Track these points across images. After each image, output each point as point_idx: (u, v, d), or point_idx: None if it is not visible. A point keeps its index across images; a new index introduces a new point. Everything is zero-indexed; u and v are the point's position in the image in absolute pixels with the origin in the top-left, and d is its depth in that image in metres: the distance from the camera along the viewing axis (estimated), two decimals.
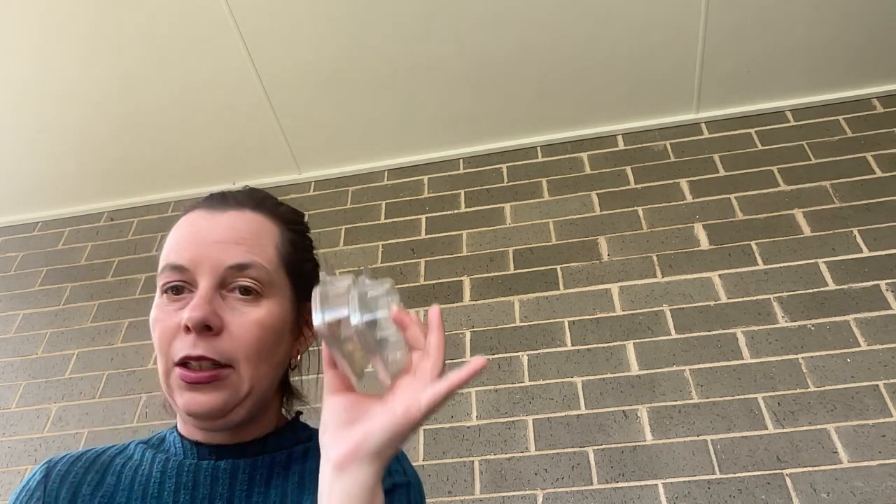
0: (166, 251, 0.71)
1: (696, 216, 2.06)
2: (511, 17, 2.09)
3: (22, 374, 2.13)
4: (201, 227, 0.71)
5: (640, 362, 1.77)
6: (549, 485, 1.61)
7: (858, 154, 2.10)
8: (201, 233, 0.70)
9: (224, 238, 0.70)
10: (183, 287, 0.68)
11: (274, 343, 0.70)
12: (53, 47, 2.16)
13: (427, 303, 2.03)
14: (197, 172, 2.50)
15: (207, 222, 0.71)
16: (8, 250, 2.55)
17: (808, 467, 1.52)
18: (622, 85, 2.24)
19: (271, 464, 0.71)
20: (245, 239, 0.70)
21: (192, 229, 0.71)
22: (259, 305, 0.69)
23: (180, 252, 0.69)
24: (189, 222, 0.72)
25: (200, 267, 0.68)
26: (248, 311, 0.68)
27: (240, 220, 0.72)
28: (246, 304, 0.69)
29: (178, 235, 0.72)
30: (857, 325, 1.73)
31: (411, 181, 2.40)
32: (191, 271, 0.68)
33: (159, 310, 0.69)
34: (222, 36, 2.13)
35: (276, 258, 0.72)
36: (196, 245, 0.69)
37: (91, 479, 0.70)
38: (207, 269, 0.68)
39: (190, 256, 0.68)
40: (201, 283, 0.68)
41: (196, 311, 0.65)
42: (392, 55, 2.18)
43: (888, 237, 1.88)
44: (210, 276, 0.68)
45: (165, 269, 0.69)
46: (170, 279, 0.69)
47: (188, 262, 0.68)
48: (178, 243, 0.70)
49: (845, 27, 2.09)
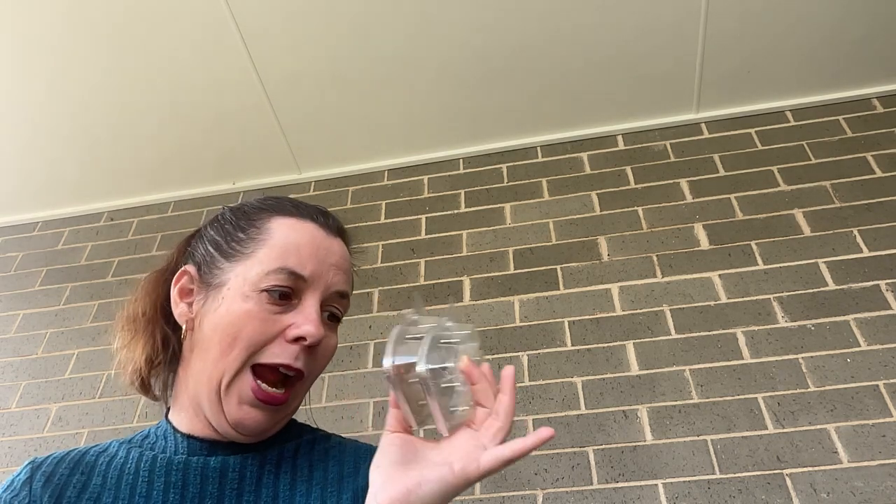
0: (281, 252, 0.70)
1: (696, 216, 2.06)
2: (511, 18, 2.09)
3: (22, 374, 2.13)
4: (321, 244, 0.73)
5: (640, 362, 1.77)
6: (549, 485, 1.61)
7: (858, 154, 2.10)
8: (321, 250, 0.73)
9: (338, 264, 0.74)
10: (290, 294, 0.69)
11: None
12: (53, 47, 2.16)
13: (427, 303, 2.03)
14: (197, 172, 2.50)
15: (327, 242, 0.74)
16: (8, 250, 2.55)
17: (808, 467, 1.52)
18: (622, 85, 2.24)
19: (262, 462, 0.71)
20: (348, 271, 0.76)
21: (314, 243, 0.73)
22: (335, 333, 0.75)
23: (302, 261, 0.70)
24: (309, 236, 0.73)
25: (316, 283, 0.70)
26: (330, 336, 0.73)
27: (345, 251, 0.77)
28: (330, 329, 0.73)
29: (297, 242, 0.72)
30: (857, 325, 1.73)
31: (411, 181, 2.40)
32: (306, 283, 0.70)
33: (257, 307, 0.68)
34: (222, 36, 2.13)
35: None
36: (318, 261, 0.71)
37: (76, 481, 0.68)
38: (320, 288, 0.71)
39: (312, 270, 0.70)
40: (310, 298, 0.70)
41: (319, 330, 0.68)
42: (392, 55, 2.18)
43: (888, 237, 1.88)
44: (321, 294, 0.71)
45: (282, 271, 0.69)
46: (284, 283, 0.69)
47: (309, 275, 0.70)
48: (300, 251, 0.71)
49: (845, 27, 2.09)
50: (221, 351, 0.66)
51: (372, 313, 2.04)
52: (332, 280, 0.72)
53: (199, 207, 2.52)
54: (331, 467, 0.72)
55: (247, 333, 0.66)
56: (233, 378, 0.66)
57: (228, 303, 0.68)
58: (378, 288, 2.10)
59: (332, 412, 1.83)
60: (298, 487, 0.69)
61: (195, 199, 2.55)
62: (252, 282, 0.69)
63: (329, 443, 0.76)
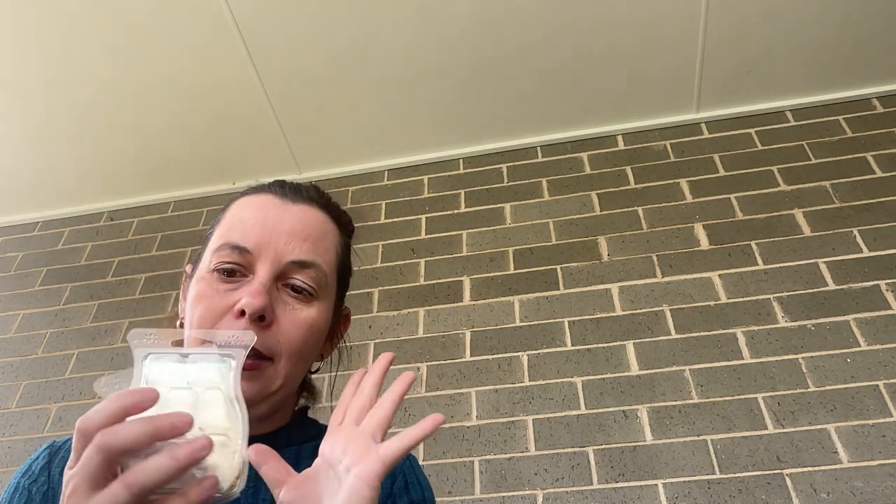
0: (226, 229, 0.68)
1: (696, 216, 2.06)
2: (511, 17, 2.09)
3: (22, 374, 2.13)
4: (270, 212, 0.68)
5: (640, 362, 1.77)
6: (549, 485, 1.61)
7: (858, 154, 2.09)
8: (270, 218, 0.68)
9: (293, 230, 0.68)
10: (236, 270, 0.66)
11: (314, 344, 0.70)
12: (53, 46, 2.16)
13: (427, 303, 2.03)
14: (197, 173, 2.50)
15: (278, 209, 0.69)
16: (8, 250, 2.55)
17: (808, 467, 1.52)
18: (622, 85, 2.24)
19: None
20: (311, 236, 0.69)
21: (261, 213, 0.68)
22: (311, 306, 0.68)
23: (245, 233, 0.66)
24: (257, 205, 0.69)
25: (264, 253, 0.66)
26: (299, 310, 0.67)
27: (310, 215, 0.70)
28: (298, 302, 0.67)
29: (243, 215, 0.69)
30: (857, 325, 1.73)
31: (411, 181, 2.40)
32: (252, 255, 0.66)
33: (206, 286, 0.66)
34: (223, 36, 2.13)
35: (334, 262, 0.71)
36: (263, 230, 0.66)
37: None
38: (270, 258, 0.66)
39: (256, 240, 0.66)
40: (260, 269, 0.65)
41: (257, 300, 0.63)
42: (392, 55, 2.18)
43: (888, 237, 1.88)
44: (271, 265, 0.65)
45: (224, 247, 0.66)
46: (227, 259, 0.66)
47: (252, 246, 0.66)
48: (244, 223, 0.67)
49: (845, 27, 2.09)
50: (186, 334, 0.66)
51: (372, 313, 2.04)
52: (284, 249, 0.66)
53: (199, 207, 2.52)
54: None
55: (199, 314, 0.65)
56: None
57: (191, 288, 0.68)
58: (378, 288, 2.10)
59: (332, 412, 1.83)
60: None
61: (195, 199, 2.55)
62: (206, 264, 0.68)
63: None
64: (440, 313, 2.00)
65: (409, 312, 2.02)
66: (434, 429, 0.54)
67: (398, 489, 0.69)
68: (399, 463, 0.71)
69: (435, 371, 1.87)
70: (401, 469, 0.71)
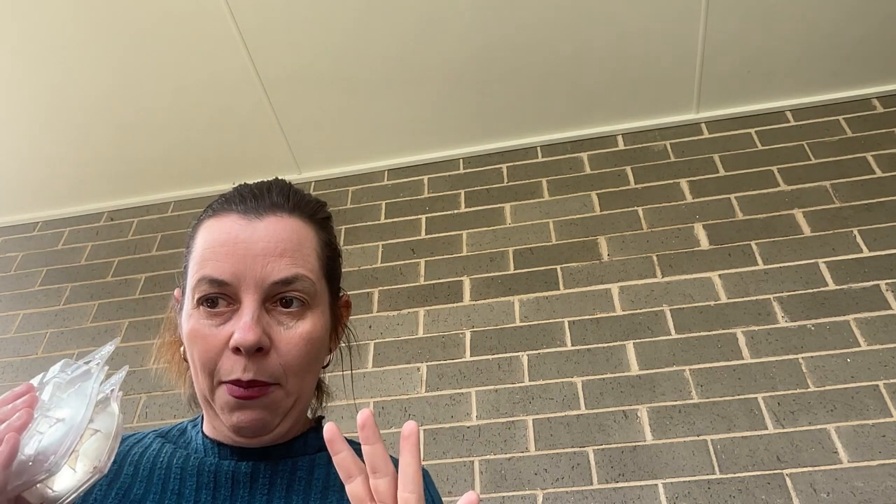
0: (199, 261, 0.66)
1: (696, 216, 2.06)
2: (511, 17, 2.09)
3: (22, 374, 2.13)
4: (239, 237, 0.65)
5: (640, 362, 1.77)
6: (549, 485, 1.61)
7: (858, 154, 2.10)
8: (239, 245, 0.65)
9: (266, 251, 0.65)
10: (219, 299, 0.65)
11: (318, 353, 0.69)
12: (53, 47, 2.16)
13: (427, 303, 2.03)
14: (197, 172, 2.50)
15: (245, 232, 0.66)
16: (8, 250, 2.55)
17: (808, 467, 1.52)
18: (622, 85, 2.24)
19: (293, 469, 0.69)
20: (287, 250, 0.66)
21: (229, 239, 0.65)
22: (304, 319, 0.66)
23: (218, 265, 0.64)
24: (224, 230, 0.67)
25: (243, 283, 0.64)
26: (294, 326, 0.66)
27: (280, 227, 0.67)
28: (292, 318, 0.66)
29: (212, 244, 0.66)
30: (857, 325, 1.73)
31: (411, 181, 2.40)
32: (233, 286, 0.64)
33: (196, 322, 0.65)
34: (222, 36, 2.13)
35: (317, 266, 0.69)
36: (235, 259, 0.64)
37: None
38: (252, 286, 0.64)
39: (232, 271, 0.64)
40: (245, 299, 0.64)
41: (249, 335, 0.62)
42: (392, 55, 2.18)
43: (888, 237, 1.88)
44: (255, 292, 0.64)
45: (202, 281, 0.64)
46: (208, 292, 0.64)
47: (230, 278, 0.64)
48: (215, 254, 0.65)
49: (845, 27, 2.09)
50: (194, 375, 0.67)
51: (372, 313, 2.04)
52: (264, 272, 0.64)
53: (198, 207, 2.52)
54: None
55: (198, 355, 0.65)
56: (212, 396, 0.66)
57: (183, 326, 0.67)
58: (378, 288, 2.10)
59: (332, 412, 1.83)
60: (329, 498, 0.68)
61: (195, 199, 2.55)
62: (188, 299, 0.67)
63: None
64: (440, 313, 2.00)
65: (409, 312, 2.02)
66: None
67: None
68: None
69: (435, 371, 1.87)
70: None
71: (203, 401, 0.68)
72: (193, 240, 0.69)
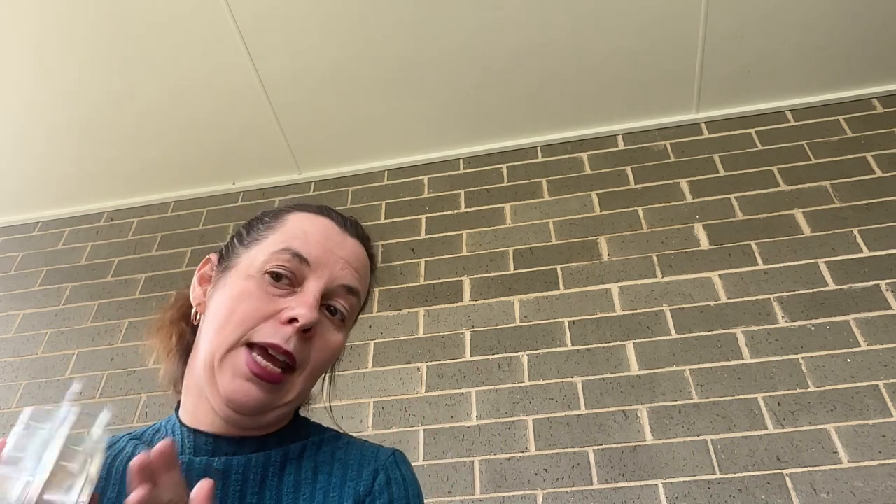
0: (288, 236, 0.71)
1: (696, 216, 2.06)
2: (511, 18, 2.09)
3: (22, 374, 2.13)
4: (333, 236, 0.73)
5: (640, 362, 1.77)
6: (549, 485, 1.61)
7: (858, 154, 2.10)
8: (332, 242, 0.73)
9: (349, 258, 0.73)
10: (288, 278, 0.69)
11: (329, 366, 0.75)
12: (53, 47, 2.16)
13: (427, 303, 2.03)
14: (196, 172, 2.50)
15: (339, 237, 0.74)
16: (8, 250, 2.55)
17: (808, 467, 1.52)
18: (622, 85, 2.24)
19: (266, 463, 0.70)
20: (359, 270, 0.75)
21: (325, 234, 0.73)
22: (340, 331, 0.73)
23: (308, 246, 0.70)
24: (320, 226, 0.74)
25: (320, 270, 0.70)
26: (332, 333, 0.71)
27: (360, 252, 0.76)
28: (332, 325, 0.71)
29: (306, 228, 0.73)
30: (857, 325, 1.73)
31: (411, 181, 2.40)
32: (310, 268, 0.69)
33: (255, 286, 0.68)
34: (222, 36, 2.13)
35: (361, 300, 0.77)
36: (325, 249, 0.71)
37: None
38: (326, 276, 0.70)
39: (317, 255, 0.70)
40: (313, 284, 0.69)
41: (313, 313, 0.66)
42: (392, 55, 2.18)
43: (888, 237, 1.88)
44: (325, 283, 0.70)
45: (286, 251, 0.69)
46: (286, 264, 0.69)
47: (313, 259, 0.70)
48: (307, 236, 0.72)
49: (845, 27, 2.09)
50: (218, 327, 0.67)
51: (372, 313, 2.04)
52: (339, 272, 0.71)
53: (199, 207, 2.52)
54: (335, 471, 0.71)
55: (242, 310, 0.67)
56: (226, 352, 0.66)
57: (232, 282, 0.70)
58: (378, 288, 2.10)
59: (333, 412, 1.83)
60: (302, 491, 0.68)
61: (195, 199, 2.55)
62: (258, 263, 0.70)
63: (337, 444, 0.75)
64: (440, 313, 2.00)
65: (409, 312, 2.02)
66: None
67: (379, 486, 0.69)
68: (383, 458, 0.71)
69: (435, 371, 1.87)
70: (383, 465, 0.71)
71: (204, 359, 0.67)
72: (278, 220, 0.75)
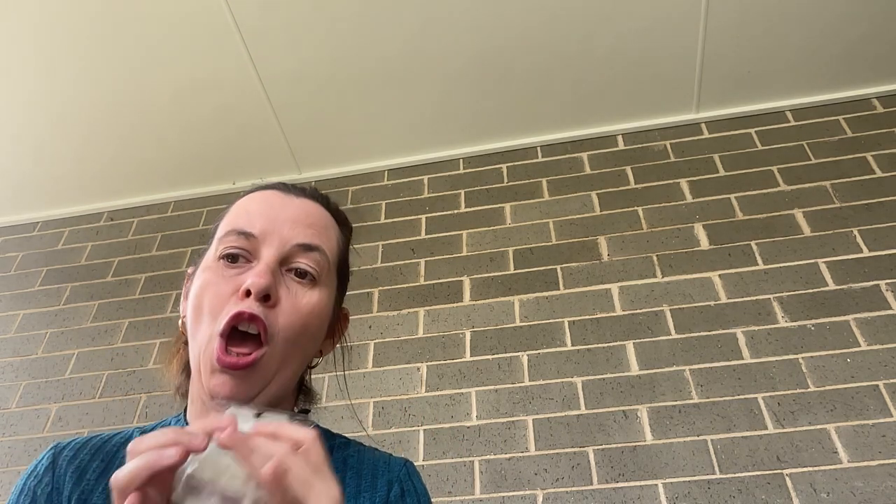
0: (232, 217, 0.71)
1: (696, 216, 2.06)
2: (511, 17, 2.09)
3: (22, 374, 2.13)
4: (275, 203, 0.72)
5: (640, 362, 1.77)
6: (549, 485, 1.61)
7: (858, 154, 2.09)
8: (274, 208, 0.71)
9: (296, 218, 0.71)
10: (240, 255, 0.68)
11: (313, 332, 0.70)
12: (53, 47, 2.16)
13: (427, 303, 2.03)
14: (196, 172, 2.50)
15: (281, 201, 0.72)
16: (8, 250, 2.55)
17: (808, 467, 1.52)
18: (622, 85, 2.24)
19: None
20: (315, 225, 0.72)
21: (265, 204, 0.72)
22: (313, 290, 0.69)
23: (251, 220, 0.69)
24: (261, 198, 0.73)
25: (269, 238, 0.68)
26: (301, 294, 0.68)
27: (312, 208, 0.74)
28: (301, 287, 0.69)
29: (248, 206, 0.72)
30: (857, 325, 1.73)
31: (411, 181, 2.40)
32: (258, 240, 0.68)
33: (212, 273, 0.68)
34: (222, 36, 2.13)
35: (335, 254, 0.74)
36: (268, 218, 0.70)
37: (97, 466, 0.68)
38: (275, 242, 0.68)
39: (262, 226, 0.69)
40: (265, 253, 0.68)
41: (262, 279, 0.65)
42: (392, 55, 2.18)
43: (888, 237, 1.88)
44: (276, 249, 0.68)
45: (231, 234, 0.69)
46: (234, 244, 0.68)
47: (259, 231, 0.68)
48: (249, 212, 0.71)
49: (845, 27, 2.09)
50: (194, 327, 0.67)
51: (372, 313, 2.04)
52: (288, 233, 0.69)
53: (199, 207, 2.52)
54: (349, 479, 0.70)
55: (207, 300, 0.66)
56: (205, 348, 0.65)
57: (195, 281, 0.70)
58: (378, 288, 2.10)
59: (332, 412, 1.83)
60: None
61: (195, 199, 2.55)
62: (211, 255, 0.70)
63: (347, 451, 0.74)
64: (440, 313, 2.00)
65: (409, 312, 2.02)
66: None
67: (394, 497, 0.69)
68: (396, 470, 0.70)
69: (435, 371, 1.87)
70: (397, 476, 0.71)
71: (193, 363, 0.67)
72: (227, 210, 0.74)
